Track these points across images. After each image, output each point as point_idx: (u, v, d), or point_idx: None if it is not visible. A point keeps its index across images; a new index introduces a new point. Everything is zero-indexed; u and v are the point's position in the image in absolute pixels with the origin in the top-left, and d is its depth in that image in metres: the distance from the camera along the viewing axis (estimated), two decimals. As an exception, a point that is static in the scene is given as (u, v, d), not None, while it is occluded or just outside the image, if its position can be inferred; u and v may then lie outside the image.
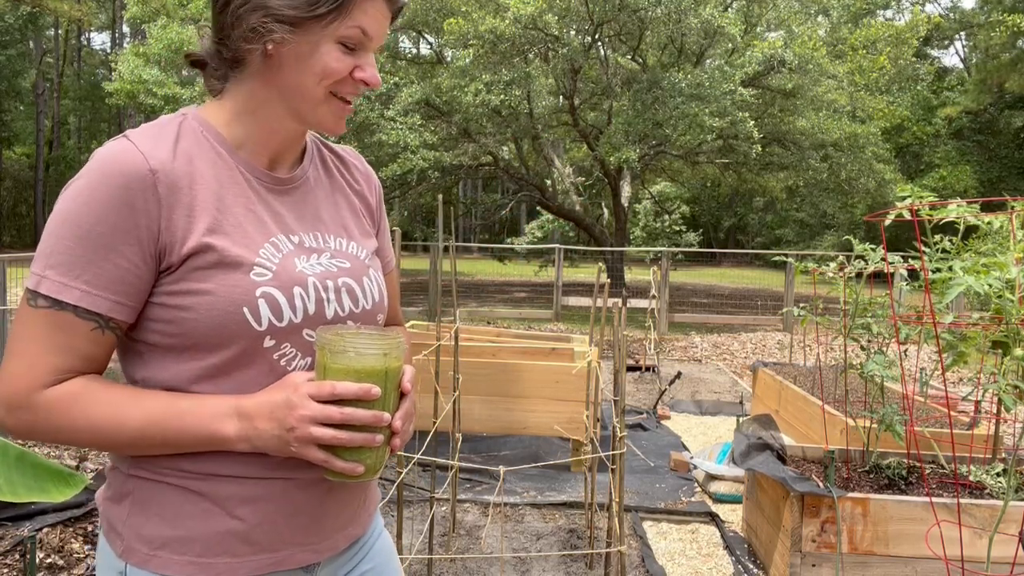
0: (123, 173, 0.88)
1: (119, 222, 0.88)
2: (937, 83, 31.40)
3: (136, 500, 0.95)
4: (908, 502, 2.72)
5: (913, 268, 3.07)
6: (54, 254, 0.88)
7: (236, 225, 0.95)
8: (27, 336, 0.89)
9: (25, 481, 2.44)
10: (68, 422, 0.89)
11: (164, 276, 0.92)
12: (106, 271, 0.88)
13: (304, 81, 0.96)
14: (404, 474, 2.24)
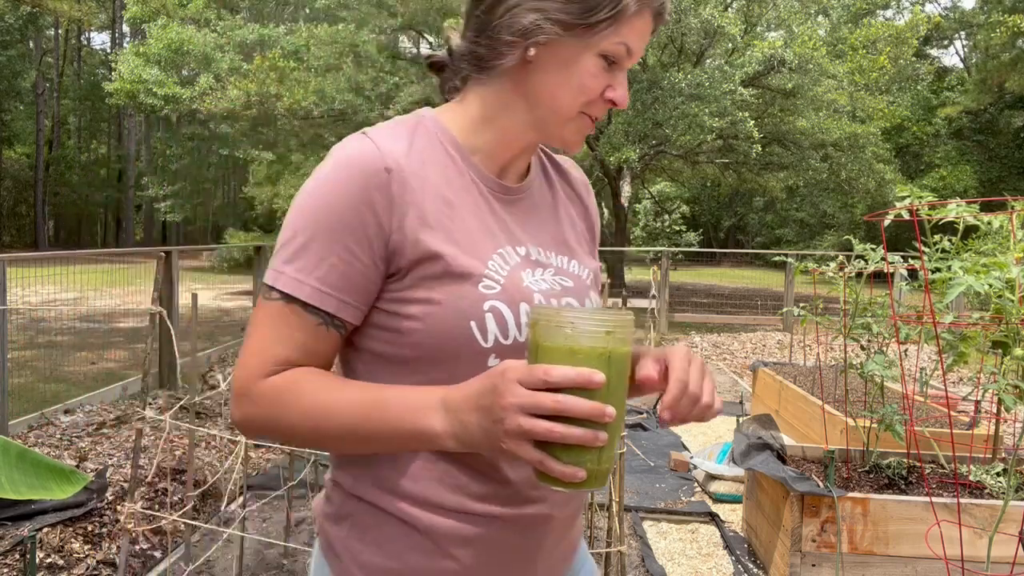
0: (362, 171, 0.86)
1: (354, 221, 0.85)
2: (937, 83, 31.40)
3: (356, 524, 0.92)
4: (908, 502, 2.72)
5: (913, 268, 3.07)
6: (291, 249, 0.87)
7: (465, 233, 0.90)
8: (258, 328, 0.88)
9: (26, 479, 2.44)
10: (281, 412, 0.85)
11: (391, 281, 0.88)
12: (337, 269, 0.86)
13: (558, 92, 0.92)
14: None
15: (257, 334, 0.88)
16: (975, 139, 28.69)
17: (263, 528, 3.56)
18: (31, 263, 8.23)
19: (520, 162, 1.01)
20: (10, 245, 34.52)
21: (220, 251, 18.81)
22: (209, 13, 26.22)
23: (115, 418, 5.27)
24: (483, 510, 0.89)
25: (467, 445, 0.80)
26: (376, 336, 0.90)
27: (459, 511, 0.89)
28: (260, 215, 23.94)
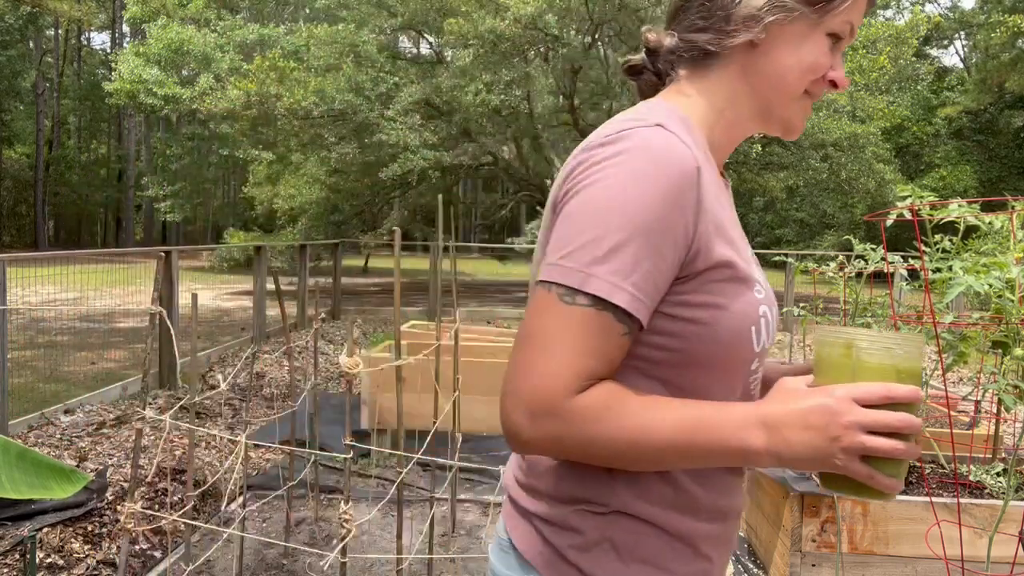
0: (680, 169, 0.80)
1: (670, 222, 0.79)
2: (937, 83, 31.40)
3: (615, 546, 0.86)
4: (908, 502, 2.72)
5: (913, 268, 3.07)
6: (603, 249, 0.77)
7: (736, 236, 0.90)
8: (560, 337, 0.78)
9: (27, 478, 2.44)
10: (601, 432, 0.78)
11: (677, 283, 0.83)
12: (650, 275, 0.79)
13: (787, 73, 0.90)
14: (404, 474, 2.23)
15: (560, 344, 0.78)
16: (975, 139, 28.68)
17: (263, 528, 3.56)
18: (31, 263, 8.23)
19: (734, 146, 0.99)
20: (10, 245, 34.52)
21: (220, 251, 18.80)
22: (209, 13, 26.23)
23: (115, 418, 5.27)
24: (726, 506, 0.92)
25: (785, 462, 0.78)
26: (648, 340, 0.84)
27: (711, 511, 0.90)
28: (260, 215, 23.93)
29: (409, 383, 4.42)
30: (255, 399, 6.12)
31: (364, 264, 26.56)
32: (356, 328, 7.00)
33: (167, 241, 39.59)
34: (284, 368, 7.29)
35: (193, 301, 2.48)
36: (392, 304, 4.65)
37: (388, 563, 3.19)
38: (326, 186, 16.64)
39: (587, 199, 0.80)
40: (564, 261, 0.79)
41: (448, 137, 15.34)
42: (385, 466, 4.52)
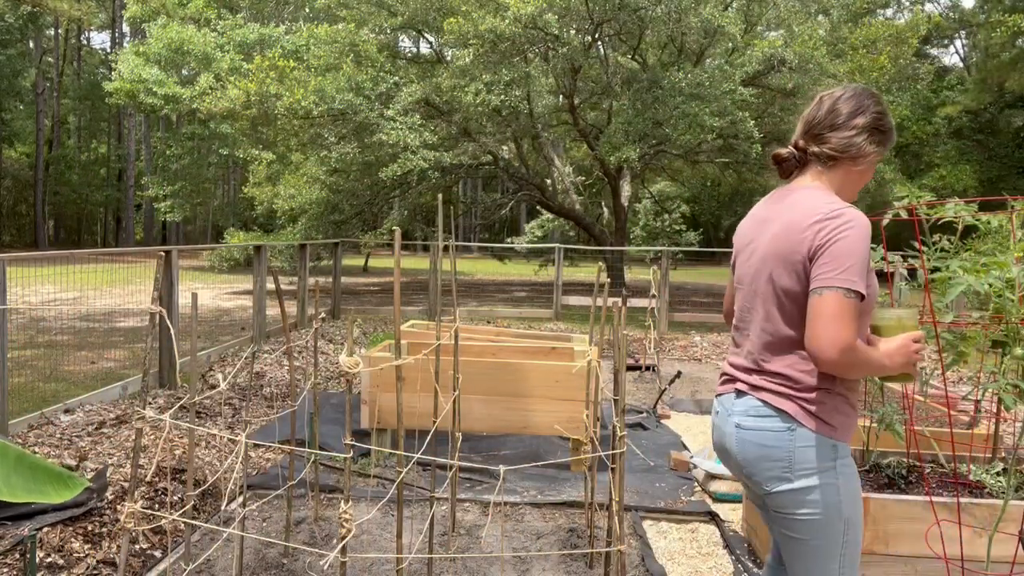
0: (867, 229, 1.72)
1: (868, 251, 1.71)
2: (937, 82, 31.36)
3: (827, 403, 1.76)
4: (908, 501, 2.72)
5: (913, 267, 3.07)
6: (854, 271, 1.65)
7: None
8: (848, 314, 1.63)
9: (24, 483, 2.44)
10: (861, 360, 1.66)
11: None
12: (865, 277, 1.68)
13: (862, 180, 1.88)
14: (404, 474, 2.23)
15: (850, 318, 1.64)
16: (975, 138, 28.65)
17: (263, 528, 3.56)
18: (31, 263, 8.22)
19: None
20: (10, 245, 34.51)
21: (220, 251, 18.80)
22: (209, 13, 26.22)
23: (115, 417, 5.27)
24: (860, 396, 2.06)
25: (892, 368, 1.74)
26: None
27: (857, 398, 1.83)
28: (260, 215, 23.93)
29: (409, 383, 4.42)
30: (255, 399, 6.12)
31: (364, 264, 26.56)
32: (356, 328, 6.98)
33: (167, 241, 39.59)
34: (284, 368, 7.29)
35: (193, 301, 2.48)
36: (392, 303, 4.65)
37: (388, 563, 3.19)
38: (326, 186, 16.63)
39: (844, 244, 1.67)
40: (842, 276, 1.65)
41: (448, 137, 15.33)
42: (385, 466, 4.52)
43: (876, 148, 1.82)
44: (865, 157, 1.81)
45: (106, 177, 41.76)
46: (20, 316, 10.39)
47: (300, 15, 29.86)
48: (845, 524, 1.74)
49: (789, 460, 1.73)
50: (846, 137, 1.80)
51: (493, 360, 4.55)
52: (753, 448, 1.78)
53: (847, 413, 1.77)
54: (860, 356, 1.64)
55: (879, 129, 1.81)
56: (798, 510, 1.74)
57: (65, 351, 8.25)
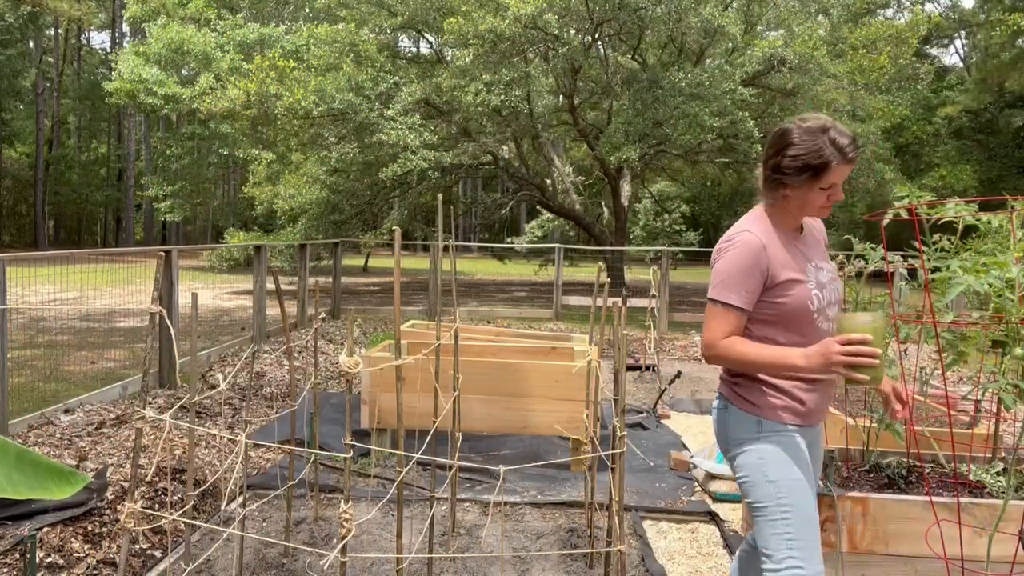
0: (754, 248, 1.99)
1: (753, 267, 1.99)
2: (937, 82, 31.34)
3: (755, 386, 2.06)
4: (908, 501, 2.72)
5: (913, 267, 3.07)
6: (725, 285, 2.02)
7: (794, 264, 2.03)
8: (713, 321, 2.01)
9: (26, 479, 2.43)
10: (729, 351, 1.97)
11: (765, 291, 2.01)
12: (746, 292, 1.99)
13: (804, 208, 2.05)
14: (404, 474, 2.23)
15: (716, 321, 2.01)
16: (975, 138, 28.64)
17: (263, 528, 3.56)
18: (31, 263, 8.22)
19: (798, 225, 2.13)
20: (10, 245, 34.51)
21: (220, 251, 18.80)
22: (209, 13, 26.22)
23: (115, 417, 5.27)
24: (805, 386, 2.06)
25: (811, 368, 1.85)
26: (760, 314, 2.04)
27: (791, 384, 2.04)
28: (260, 215, 23.93)
29: (409, 383, 4.42)
30: (255, 399, 6.12)
31: (364, 264, 26.56)
32: (356, 328, 6.98)
33: (167, 241, 39.58)
34: (284, 368, 7.29)
35: (193, 301, 2.48)
36: (392, 303, 4.65)
37: (388, 562, 3.19)
38: (326, 186, 16.63)
39: (720, 264, 2.04)
40: (714, 290, 2.02)
41: (448, 136, 15.32)
42: (385, 466, 4.52)
43: (798, 181, 1.99)
44: (786, 188, 2.02)
45: (106, 177, 41.75)
46: (20, 316, 10.38)
47: (300, 15, 29.86)
48: (775, 486, 1.99)
49: (726, 434, 2.11)
50: (764, 174, 2.09)
51: (493, 360, 4.55)
52: (714, 427, 2.20)
53: (771, 395, 2.03)
54: (727, 353, 1.97)
55: (786, 169, 2.00)
56: (737, 475, 2.08)
57: (65, 351, 8.25)
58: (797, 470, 2.00)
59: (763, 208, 2.11)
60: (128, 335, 9.62)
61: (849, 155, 1.98)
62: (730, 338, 1.98)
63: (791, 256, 2.03)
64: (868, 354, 1.74)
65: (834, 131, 2.00)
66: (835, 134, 1.99)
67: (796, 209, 2.05)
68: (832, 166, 1.96)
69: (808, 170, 1.97)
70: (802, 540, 1.95)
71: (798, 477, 1.99)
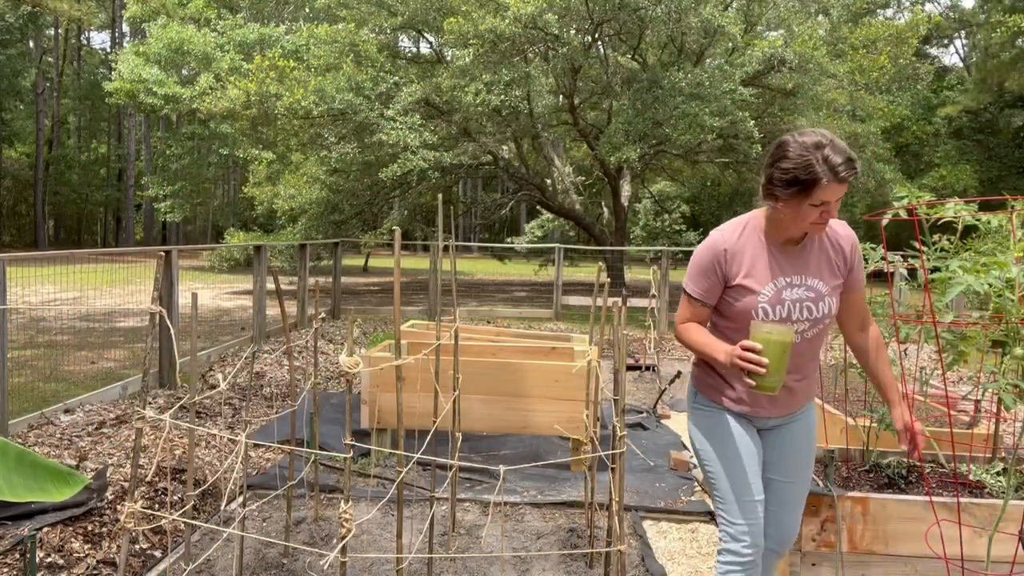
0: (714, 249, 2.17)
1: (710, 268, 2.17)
2: (937, 82, 31.32)
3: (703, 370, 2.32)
4: (908, 501, 2.72)
5: (913, 267, 3.07)
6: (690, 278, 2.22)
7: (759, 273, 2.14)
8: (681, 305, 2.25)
9: (25, 481, 2.44)
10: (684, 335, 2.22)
11: (726, 289, 2.17)
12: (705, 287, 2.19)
13: (796, 222, 2.08)
14: (404, 474, 2.23)
15: (682, 308, 2.25)
16: (975, 138, 28.63)
17: (263, 528, 3.56)
18: (31, 263, 8.22)
19: (795, 236, 2.15)
20: (10, 245, 34.51)
21: (220, 251, 18.80)
22: (209, 13, 26.21)
23: (115, 417, 5.27)
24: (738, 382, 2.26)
25: (723, 366, 2.08)
26: (720, 308, 2.22)
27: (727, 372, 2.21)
28: (260, 215, 23.92)
29: (409, 383, 4.42)
30: (255, 399, 6.12)
31: (364, 264, 26.55)
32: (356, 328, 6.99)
33: (167, 241, 39.58)
34: (284, 368, 7.29)
35: (193, 301, 2.48)
36: (392, 303, 4.65)
37: (388, 562, 3.19)
38: (326, 186, 16.63)
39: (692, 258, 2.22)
40: (684, 283, 2.24)
41: (448, 137, 15.32)
42: (385, 466, 4.52)
43: (787, 194, 2.02)
44: (778, 200, 2.07)
45: (106, 177, 41.74)
46: (20, 316, 10.38)
47: (300, 15, 29.86)
48: (698, 455, 2.31)
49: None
50: (761, 182, 2.13)
51: (493, 360, 4.55)
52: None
53: (708, 374, 2.30)
54: (682, 334, 2.23)
55: (777, 181, 2.04)
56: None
57: (65, 351, 8.25)
58: (723, 446, 2.23)
59: (761, 212, 2.17)
60: (128, 335, 9.62)
61: (841, 174, 1.96)
62: (688, 323, 2.22)
63: (762, 265, 2.12)
64: (755, 361, 1.92)
65: (830, 148, 1.98)
66: (830, 152, 1.97)
67: (789, 221, 2.08)
68: (822, 183, 1.96)
69: (797, 184, 1.98)
70: (727, 504, 2.22)
71: (724, 453, 2.23)
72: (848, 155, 1.98)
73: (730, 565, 2.22)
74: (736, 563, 2.20)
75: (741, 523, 2.19)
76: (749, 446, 2.23)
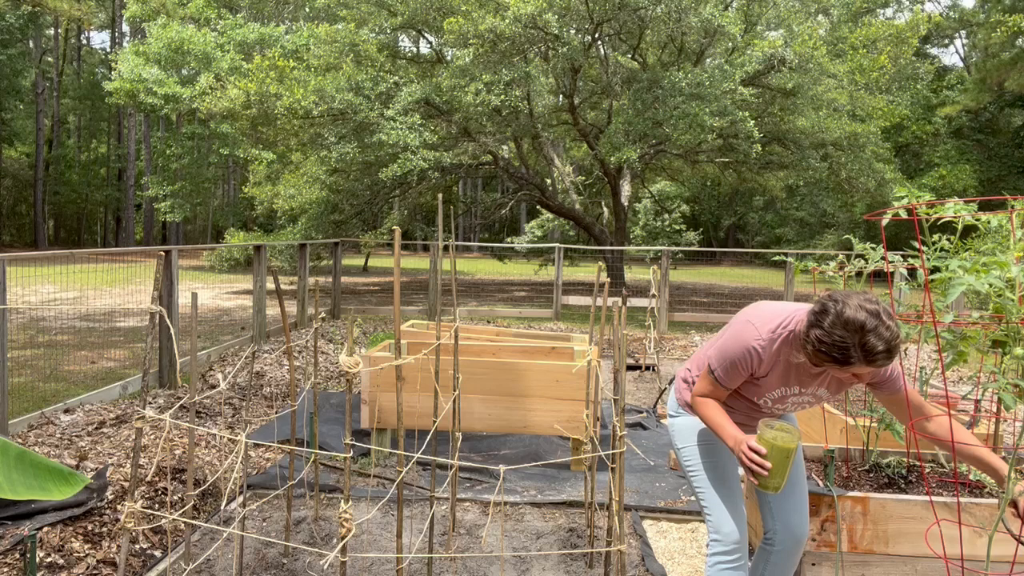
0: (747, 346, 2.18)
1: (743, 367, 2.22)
2: (937, 82, 31.36)
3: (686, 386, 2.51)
4: (908, 501, 2.72)
5: (913, 267, 3.07)
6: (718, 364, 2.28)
7: (775, 378, 2.23)
8: (700, 379, 2.34)
9: (25, 480, 2.44)
10: (701, 410, 2.29)
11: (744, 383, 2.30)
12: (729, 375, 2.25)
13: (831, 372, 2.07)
14: (404, 473, 2.23)
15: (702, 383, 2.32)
16: (975, 138, 28.65)
17: (263, 527, 3.56)
18: (31, 262, 8.22)
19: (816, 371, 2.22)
20: (10, 244, 34.51)
21: (220, 251, 18.80)
22: (209, 12, 26.21)
23: (115, 417, 5.27)
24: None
25: (731, 450, 2.15)
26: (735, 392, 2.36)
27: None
28: (260, 215, 23.92)
29: (409, 383, 4.42)
30: (255, 398, 6.12)
31: (364, 263, 26.56)
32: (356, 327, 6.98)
33: (167, 241, 39.58)
34: (284, 367, 7.29)
35: (193, 300, 2.48)
36: (392, 303, 4.65)
37: (388, 562, 3.19)
38: (326, 186, 16.63)
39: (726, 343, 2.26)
40: (713, 358, 2.28)
41: (448, 137, 15.32)
42: (385, 465, 4.52)
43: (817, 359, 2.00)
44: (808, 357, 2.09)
45: (106, 177, 41.74)
46: (20, 316, 10.38)
47: (300, 15, 29.86)
48: (682, 452, 2.46)
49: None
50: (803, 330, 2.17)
51: (493, 360, 4.55)
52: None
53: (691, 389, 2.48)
54: (700, 408, 2.29)
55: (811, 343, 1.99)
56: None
57: (65, 351, 8.25)
58: (704, 444, 2.39)
59: (800, 325, 2.09)
60: (128, 335, 9.62)
61: (878, 362, 1.88)
62: (707, 399, 2.29)
63: (781, 374, 2.21)
64: (759, 464, 2.03)
65: (873, 336, 1.85)
66: (872, 339, 1.85)
67: (836, 376, 2.13)
68: (853, 364, 1.91)
69: (828, 358, 1.93)
70: (711, 498, 2.35)
71: (706, 451, 2.38)
72: (889, 344, 1.86)
73: (718, 556, 2.34)
74: (722, 553, 2.33)
75: (724, 515, 2.31)
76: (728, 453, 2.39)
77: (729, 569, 2.33)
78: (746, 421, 2.42)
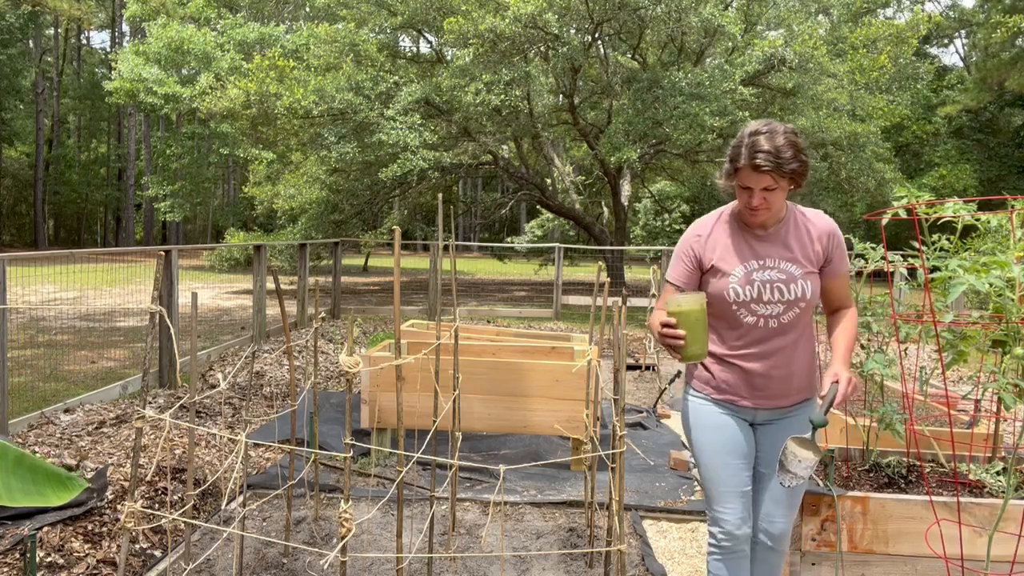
0: (689, 234, 2.28)
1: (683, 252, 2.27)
2: (937, 82, 31.34)
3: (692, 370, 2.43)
4: (908, 501, 2.72)
5: (913, 267, 3.07)
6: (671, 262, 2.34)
7: (729, 257, 2.20)
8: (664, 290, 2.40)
9: (23, 485, 2.43)
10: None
11: (703, 276, 2.24)
12: (680, 270, 2.29)
13: (740, 204, 2.17)
14: (404, 473, 2.23)
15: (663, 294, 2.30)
16: (975, 138, 28.64)
17: (263, 527, 3.56)
18: (31, 262, 8.22)
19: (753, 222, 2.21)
20: (10, 244, 34.51)
21: (220, 251, 18.80)
22: (209, 12, 26.21)
23: (115, 417, 5.27)
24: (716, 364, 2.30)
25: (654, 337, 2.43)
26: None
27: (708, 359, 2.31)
28: (260, 215, 23.92)
29: (409, 382, 4.42)
30: (255, 398, 6.12)
31: (364, 263, 26.56)
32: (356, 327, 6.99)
33: (167, 240, 39.58)
34: (284, 367, 7.29)
35: (193, 300, 2.48)
36: (392, 303, 4.66)
37: (388, 562, 3.19)
38: (326, 186, 16.63)
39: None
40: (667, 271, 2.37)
41: (448, 137, 15.32)
42: (385, 465, 4.52)
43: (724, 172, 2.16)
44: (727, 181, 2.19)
45: (106, 177, 41.74)
46: (20, 316, 10.38)
47: (300, 14, 29.86)
48: (689, 442, 2.39)
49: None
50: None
51: (493, 360, 4.55)
52: None
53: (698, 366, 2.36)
54: (651, 319, 2.24)
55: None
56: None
57: (65, 351, 8.25)
58: (707, 433, 2.30)
59: (736, 202, 2.25)
60: (128, 335, 9.62)
61: (755, 160, 2.00)
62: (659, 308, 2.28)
63: (733, 249, 2.20)
64: (671, 335, 2.02)
65: (762, 137, 2.02)
66: (762, 140, 2.02)
67: (741, 205, 2.16)
68: (739, 165, 2.05)
69: (728, 164, 2.10)
70: (712, 489, 2.30)
71: (708, 439, 2.29)
72: (778, 149, 1.99)
73: (712, 548, 2.37)
74: (715, 546, 2.35)
75: (719, 509, 2.29)
76: (733, 437, 2.27)
77: (729, 559, 2.32)
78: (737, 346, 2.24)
